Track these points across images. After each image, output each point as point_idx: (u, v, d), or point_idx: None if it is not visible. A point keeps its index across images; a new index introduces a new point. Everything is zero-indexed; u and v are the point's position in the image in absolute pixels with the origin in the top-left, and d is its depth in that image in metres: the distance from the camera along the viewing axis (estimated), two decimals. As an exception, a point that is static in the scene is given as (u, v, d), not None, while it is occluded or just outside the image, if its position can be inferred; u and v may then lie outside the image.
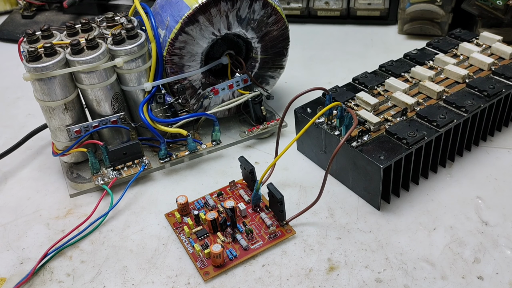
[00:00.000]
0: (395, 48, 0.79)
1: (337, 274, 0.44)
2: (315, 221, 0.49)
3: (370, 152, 0.48)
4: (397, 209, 0.50)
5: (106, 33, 0.53)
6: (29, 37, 0.51)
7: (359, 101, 0.54)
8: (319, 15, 0.87)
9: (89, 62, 0.49)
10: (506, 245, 0.45)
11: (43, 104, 0.51)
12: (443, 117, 0.50)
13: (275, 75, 0.62)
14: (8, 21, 0.92)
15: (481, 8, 0.73)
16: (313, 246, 0.47)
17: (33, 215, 0.52)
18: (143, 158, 0.55)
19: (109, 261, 0.47)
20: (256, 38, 0.58)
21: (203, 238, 0.47)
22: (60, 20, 0.90)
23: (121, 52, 0.50)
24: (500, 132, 0.59)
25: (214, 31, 0.54)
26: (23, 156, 0.61)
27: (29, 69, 0.48)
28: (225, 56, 0.59)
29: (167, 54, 0.54)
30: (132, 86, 0.53)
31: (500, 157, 0.56)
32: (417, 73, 0.57)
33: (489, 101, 0.53)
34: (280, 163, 0.53)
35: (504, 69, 0.57)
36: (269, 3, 0.55)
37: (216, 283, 0.44)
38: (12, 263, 0.47)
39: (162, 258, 0.46)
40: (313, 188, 0.53)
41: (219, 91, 0.58)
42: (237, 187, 0.53)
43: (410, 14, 0.80)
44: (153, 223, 0.50)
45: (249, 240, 0.47)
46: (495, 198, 0.50)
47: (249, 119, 0.62)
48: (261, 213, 0.49)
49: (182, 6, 0.52)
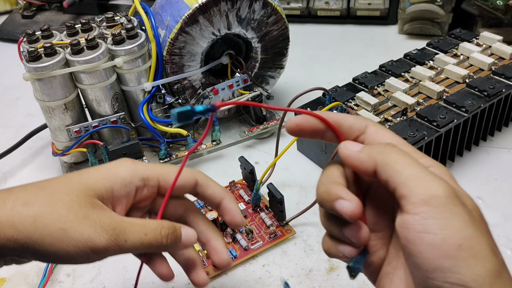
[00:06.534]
0: (395, 48, 0.79)
1: (337, 274, 0.44)
2: (315, 221, 0.49)
3: (370, 152, 0.48)
4: (397, 209, 0.50)
5: (106, 33, 0.53)
6: (29, 37, 0.51)
7: (359, 101, 0.54)
8: (319, 15, 0.87)
9: (89, 62, 0.49)
10: (506, 245, 0.45)
11: (43, 104, 0.51)
12: (443, 117, 0.50)
13: (275, 75, 0.62)
14: (8, 21, 0.92)
15: (481, 8, 0.73)
16: (313, 246, 0.47)
17: (33, 215, 0.52)
18: (143, 158, 0.55)
19: (109, 261, 0.46)
20: (256, 38, 0.58)
21: (203, 238, 0.47)
22: (60, 20, 0.90)
23: (121, 52, 0.50)
24: (500, 132, 0.59)
25: (214, 31, 0.54)
26: (23, 156, 0.61)
27: (29, 69, 0.48)
28: (225, 56, 0.59)
29: (167, 54, 0.54)
30: (132, 86, 0.53)
31: (500, 157, 0.56)
32: (417, 73, 0.57)
33: (489, 101, 0.53)
34: (280, 163, 0.53)
35: (504, 69, 0.57)
36: (269, 3, 0.55)
37: (216, 283, 0.44)
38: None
39: (162, 258, 0.46)
40: (313, 188, 0.53)
41: (219, 91, 0.58)
42: (237, 187, 0.53)
43: (410, 14, 0.80)
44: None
45: (249, 240, 0.46)
46: (495, 198, 0.50)
47: (249, 119, 0.62)
48: (261, 213, 0.49)
49: (182, 6, 0.52)
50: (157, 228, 0.32)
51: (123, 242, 0.30)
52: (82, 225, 0.29)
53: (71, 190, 0.30)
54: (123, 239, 0.30)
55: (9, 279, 0.45)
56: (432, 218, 0.25)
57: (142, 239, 0.31)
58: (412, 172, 0.26)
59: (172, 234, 0.32)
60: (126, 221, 0.31)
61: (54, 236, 0.29)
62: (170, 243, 0.32)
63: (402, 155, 0.27)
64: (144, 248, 0.31)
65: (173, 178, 0.33)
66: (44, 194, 0.30)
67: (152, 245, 0.31)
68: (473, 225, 0.25)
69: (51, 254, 0.29)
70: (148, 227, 0.31)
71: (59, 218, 0.29)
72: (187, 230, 0.33)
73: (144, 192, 0.33)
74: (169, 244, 0.32)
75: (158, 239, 0.31)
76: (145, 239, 0.31)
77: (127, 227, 0.30)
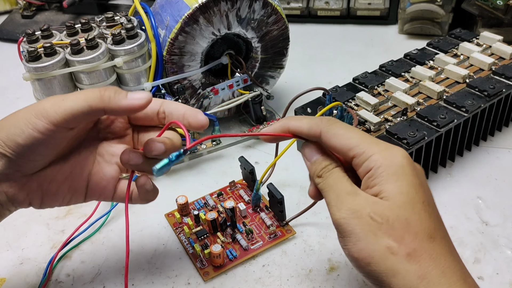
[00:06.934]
0: (395, 48, 0.78)
1: (337, 274, 0.44)
2: (315, 221, 0.49)
3: (370, 152, 0.48)
4: (397, 209, 0.50)
5: (106, 33, 0.53)
6: (29, 37, 0.51)
7: (359, 101, 0.54)
8: (319, 15, 0.87)
9: (89, 62, 0.49)
10: (506, 245, 0.45)
11: (43, 104, 0.51)
12: (443, 117, 0.50)
13: (275, 75, 0.62)
14: (8, 21, 0.92)
15: (481, 8, 0.73)
16: (313, 246, 0.47)
17: (32, 215, 0.51)
18: (143, 158, 0.55)
19: (109, 261, 0.47)
20: (256, 38, 0.57)
21: (203, 238, 0.47)
22: (60, 20, 0.90)
23: (121, 52, 0.50)
24: (500, 132, 0.59)
25: (214, 31, 0.54)
26: (23, 156, 0.61)
27: (29, 69, 0.48)
28: (225, 56, 0.59)
29: (167, 54, 0.54)
30: (132, 86, 0.53)
31: (500, 157, 0.56)
32: (417, 73, 0.57)
33: (489, 101, 0.53)
34: (280, 163, 0.53)
35: (504, 69, 0.57)
36: (269, 3, 0.55)
37: (216, 283, 0.44)
38: (12, 263, 0.47)
39: (162, 258, 0.46)
40: (313, 188, 0.53)
41: (219, 91, 0.58)
42: (237, 187, 0.53)
43: (410, 14, 0.80)
44: (153, 223, 0.50)
45: (249, 240, 0.46)
46: (495, 198, 0.50)
47: (249, 119, 0.62)
48: (261, 213, 0.49)
49: (182, 6, 0.52)
50: (98, 91, 0.34)
51: (70, 116, 0.33)
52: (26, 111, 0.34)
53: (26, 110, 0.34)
54: (69, 113, 0.33)
55: (9, 279, 0.45)
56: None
57: (81, 106, 0.33)
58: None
59: (115, 93, 0.34)
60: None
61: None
62: (110, 96, 0.34)
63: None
64: (86, 116, 0.33)
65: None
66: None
67: (92, 107, 0.33)
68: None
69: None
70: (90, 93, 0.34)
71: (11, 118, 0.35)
72: (135, 93, 0.35)
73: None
74: (110, 98, 0.34)
75: (96, 95, 0.33)
76: (85, 105, 0.33)
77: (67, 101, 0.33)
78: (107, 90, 0.34)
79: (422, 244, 0.30)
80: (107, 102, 0.33)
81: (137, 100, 0.34)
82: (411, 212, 0.30)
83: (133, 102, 0.34)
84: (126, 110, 0.34)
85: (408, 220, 0.30)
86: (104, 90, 0.34)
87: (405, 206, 0.31)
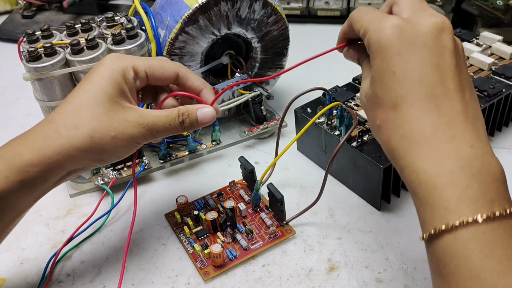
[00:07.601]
0: (395, 48, 0.78)
1: (337, 274, 0.44)
2: (315, 221, 0.49)
3: (370, 152, 0.48)
4: (397, 209, 0.50)
5: (106, 33, 0.53)
6: (29, 37, 0.51)
7: (359, 101, 0.54)
8: (319, 15, 0.87)
9: (89, 62, 0.49)
10: (506, 245, 0.45)
11: (43, 104, 0.51)
12: (443, 117, 0.50)
13: (275, 75, 0.62)
14: (8, 21, 0.92)
15: (481, 8, 0.73)
16: (313, 246, 0.47)
17: (33, 215, 0.52)
18: (143, 158, 0.55)
19: (109, 261, 0.47)
20: (256, 38, 0.58)
21: (203, 238, 0.47)
22: (60, 20, 0.90)
23: (121, 52, 0.50)
24: (500, 132, 0.59)
25: (214, 31, 0.54)
26: (23, 156, 0.61)
27: (29, 69, 0.48)
28: (225, 56, 0.59)
29: (167, 54, 0.54)
30: (132, 86, 0.53)
31: (500, 157, 0.55)
32: (417, 73, 0.57)
33: (489, 101, 0.53)
34: (280, 163, 0.53)
35: (504, 69, 0.57)
36: (269, 3, 0.55)
37: (216, 283, 0.44)
38: (12, 263, 0.47)
39: (162, 258, 0.46)
40: (313, 188, 0.53)
41: (219, 91, 0.58)
42: (237, 187, 0.53)
43: (410, 14, 0.80)
44: (153, 223, 0.50)
45: (249, 240, 0.46)
46: (495, 198, 0.50)
47: (249, 119, 0.62)
48: (261, 213, 0.49)
49: (182, 6, 0.52)
50: (177, 117, 0.40)
51: (156, 132, 0.40)
52: (126, 128, 0.38)
53: (100, 101, 0.38)
54: (155, 131, 0.39)
55: (9, 279, 0.45)
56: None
57: (167, 128, 0.40)
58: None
59: (187, 119, 0.41)
60: (154, 115, 0.39)
61: (110, 143, 0.38)
62: (187, 126, 0.41)
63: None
64: (170, 133, 0.41)
65: (157, 71, 0.41)
66: (83, 112, 0.38)
67: (175, 130, 0.41)
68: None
69: (110, 155, 0.39)
70: (170, 117, 0.40)
71: (107, 129, 0.37)
72: (203, 110, 0.42)
73: (137, 84, 0.41)
74: (188, 126, 0.41)
75: (177, 125, 0.41)
76: (169, 128, 0.40)
77: (156, 120, 0.39)
78: (185, 119, 0.41)
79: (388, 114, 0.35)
80: (185, 129, 0.41)
81: (206, 120, 0.42)
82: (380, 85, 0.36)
83: (204, 122, 0.42)
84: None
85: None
86: (182, 116, 0.41)
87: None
